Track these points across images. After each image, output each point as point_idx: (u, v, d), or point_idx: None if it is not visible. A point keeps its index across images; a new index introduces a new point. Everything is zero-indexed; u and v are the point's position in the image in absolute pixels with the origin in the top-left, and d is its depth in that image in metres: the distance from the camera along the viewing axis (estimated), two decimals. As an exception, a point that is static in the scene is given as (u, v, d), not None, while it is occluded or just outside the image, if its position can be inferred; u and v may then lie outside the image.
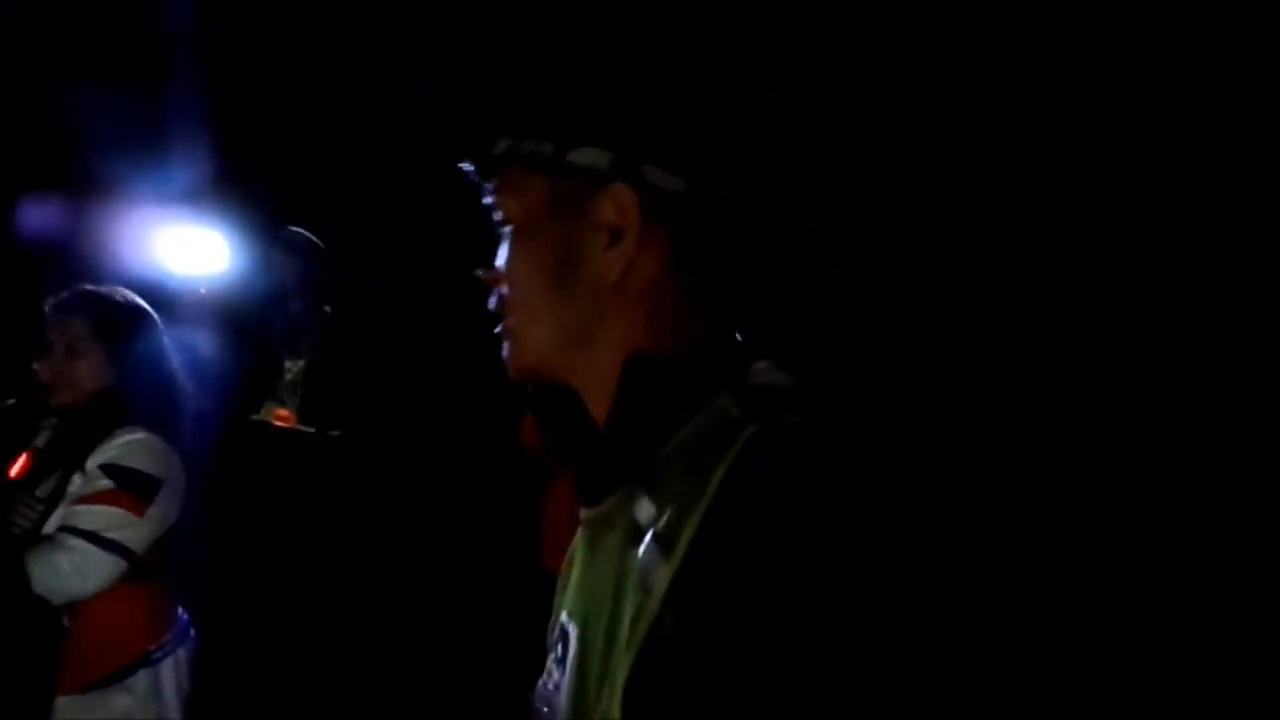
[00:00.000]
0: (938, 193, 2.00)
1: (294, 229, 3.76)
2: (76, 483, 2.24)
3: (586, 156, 0.94)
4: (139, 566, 2.26)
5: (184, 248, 3.71)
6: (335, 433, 3.46)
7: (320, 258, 3.77)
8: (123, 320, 2.37)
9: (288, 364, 3.75)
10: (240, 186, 3.84)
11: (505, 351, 0.99)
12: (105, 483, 2.25)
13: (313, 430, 3.52)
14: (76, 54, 4.03)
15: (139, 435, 2.27)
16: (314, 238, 3.75)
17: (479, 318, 1.04)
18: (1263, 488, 1.53)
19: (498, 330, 0.99)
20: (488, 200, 1.00)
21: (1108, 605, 1.63)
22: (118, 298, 2.41)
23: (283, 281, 3.73)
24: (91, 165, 3.69)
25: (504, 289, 0.98)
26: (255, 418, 3.57)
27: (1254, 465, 1.54)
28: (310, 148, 4.03)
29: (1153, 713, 1.58)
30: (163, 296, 2.81)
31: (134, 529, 2.24)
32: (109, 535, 2.22)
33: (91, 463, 2.26)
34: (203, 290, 3.67)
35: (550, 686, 0.98)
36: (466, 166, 1.01)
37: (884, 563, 0.79)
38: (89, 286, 2.40)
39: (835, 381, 0.94)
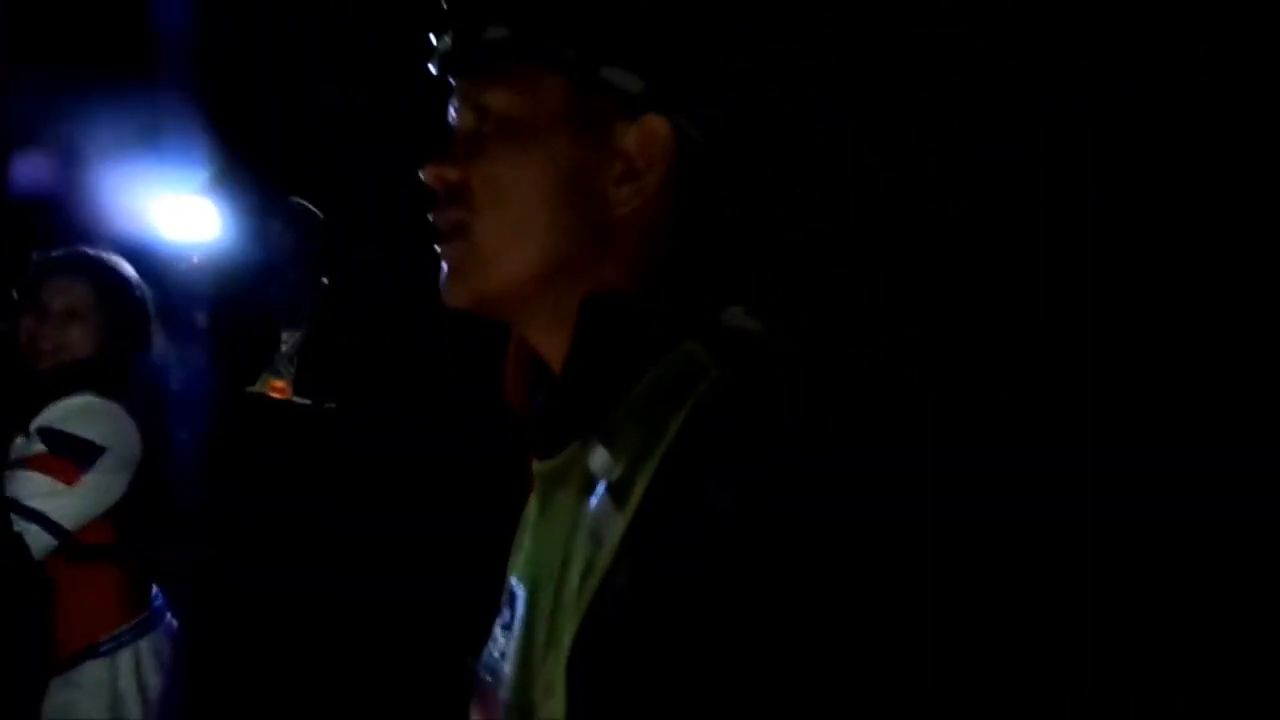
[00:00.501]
0: (938, 193, 2.00)
1: (293, 199, 3.73)
2: (18, 446, 2.10)
3: (620, 77, 0.87)
4: (82, 546, 2.10)
5: (176, 215, 3.66)
6: (331, 405, 3.43)
7: (319, 228, 3.74)
8: (124, 288, 2.28)
9: (284, 335, 3.72)
10: (235, 154, 3.80)
11: (452, 268, 0.89)
12: (39, 447, 2.08)
13: (309, 402, 3.49)
14: (72, 40, 4.00)
15: (85, 398, 2.12)
16: (313, 208, 3.73)
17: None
18: (1263, 488, 1.53)
19: (442, 242, 0.89)
20: (461, 90, 0.90)
21: (1107, 605, 1.63)
22: (119, 264, 2.32)
23: (281, 252, 3.70)
24: (84, 130, 3.66)
25: (464, 193, 0.88)
26: (251, 389, 3.54)
27: (1254, 465, 1.55)
28: (310, 148, 4.02)
29: (1152, 713, 1.58)
30: (155, 264, 2.76)
31: (62, 498, 2.05)
32: (30, 504, 2.03)
33: (33, 425, 2.11)
34: (196, 259, 3.64)
35: (496, 654, 0.92)
36: (439, 47, 0.91)
37: (874, 539, 0.76)
38: (85, 249, 2.30)
39: (810, 332, 0.92)
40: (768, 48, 2.05)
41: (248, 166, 3.79)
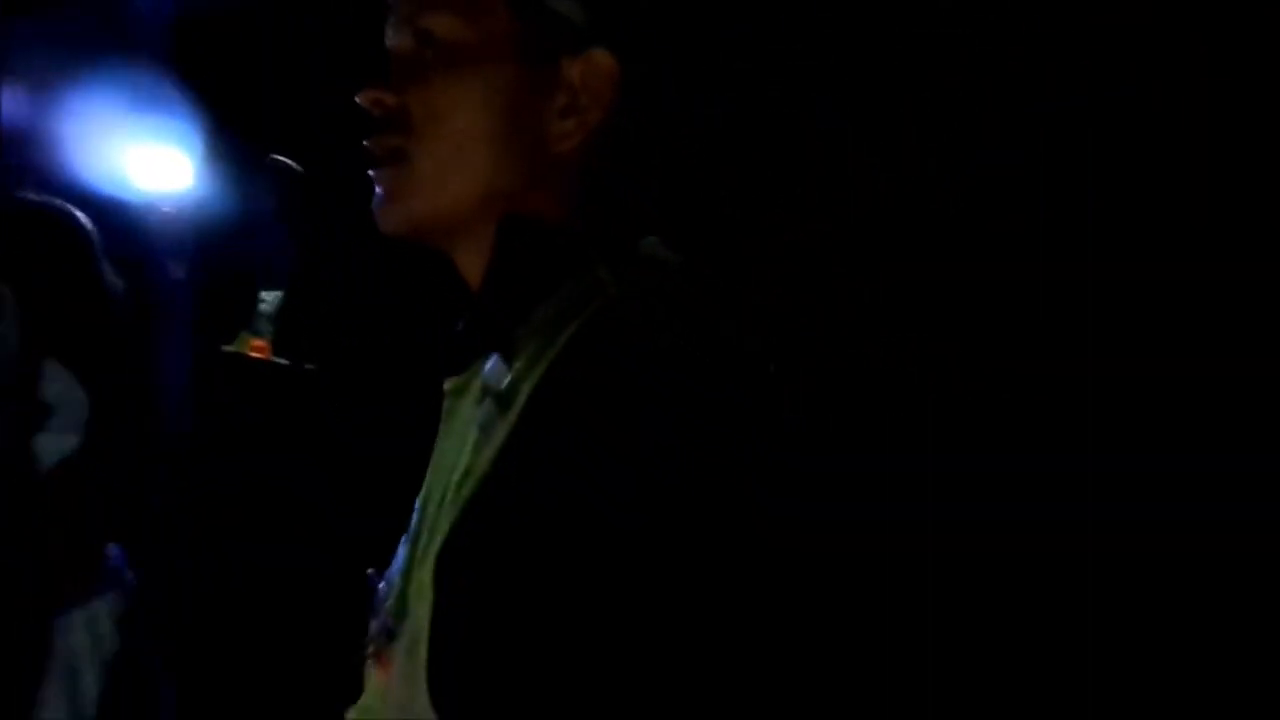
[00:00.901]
0: (938, 193, 2.00)
1: (276, 156, 3.67)
2: None
3: (566, 6, 0.86)
4: None
5: (149, 165, 3.53)
6: (310, 366, 3.36)
7: (302, 186, 3.67)
8: (33, 235, 2.19)
9: (263, 294, 3.64)
10: (210, 103, 3.70)
11: (387, 193, 0.86)
12: None
13: (288, 363, 3.41)
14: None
15: None
16: (295, 166, 3.66)
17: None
18: (1263, 487, 1.53)
19: (377, 167, 0.86)
20: (401, 10, 0.87)
21: (1107, 607, 1.63)
22: (39, 209, 2.23)
23: (262, 210, 3.63)
24: (55, 74, 3.58)
25: (403, 119, 0.86)
26: (229, 348, 3.46)
27: (1254, 465, 1.55)
28: (311, 147, 3.99)
29: (1149, 712, 1.58)
30: (126, 215, 2.70)
31: None
32: None
33: None
34: (168, 210, 3.54)
35: (394, 568, 0.90)
36: None
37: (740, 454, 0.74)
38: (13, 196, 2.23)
39: (728, 264, 0.90)
40: (767, 47, 2.05)
41: (232, 122, 3.72)
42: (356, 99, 0.88)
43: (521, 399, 0.79)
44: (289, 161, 3.65)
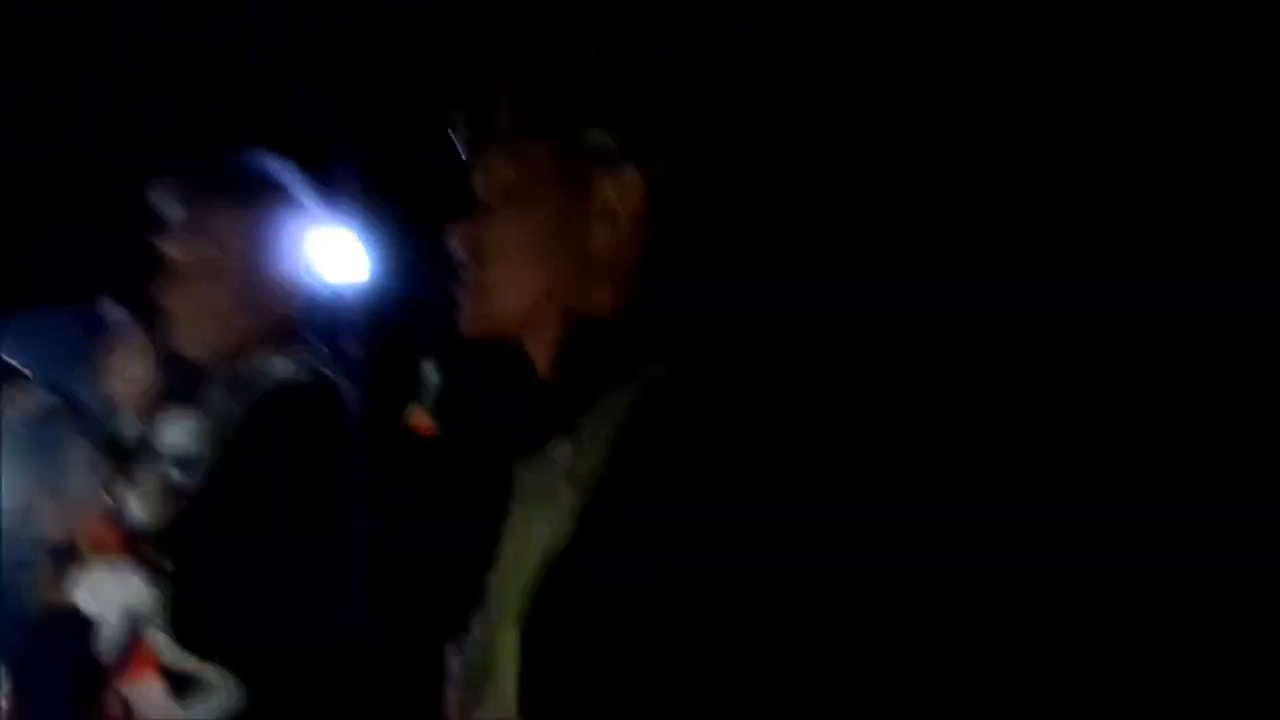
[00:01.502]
0: (946, 194, 2.01)
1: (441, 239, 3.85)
2: None
3: (599, 138, 1.00)
4: None
5: (328, 251, 3.71)
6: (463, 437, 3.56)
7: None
8: None
9: (428, 369, 3.89)
10: (383, 193, 3.89)
11: (468, 306, 1.02)
12: None
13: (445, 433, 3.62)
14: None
15: None
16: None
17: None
18: (1263, 488, 1.53)
19: (459, 285, 1.02)
20: (473, 164, 1.03)
21: (1109, 611, 1.63)
22: None
23: (434, 291, 3.81)
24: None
25: (477, 250, 1.04)
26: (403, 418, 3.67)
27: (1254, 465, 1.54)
28: (452, 187, 4.06)
29: (1149, 713, 1.58)
30: (320, 303, 2.85)
31: None
32: None
33: None
34: (350, 295, 3.77)
35: (469, 641, 1.01)
36: (457, 131, 1.05)
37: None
38: None
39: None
40: (775, 49, 2.06)
41: (397, 205, 3.93)
42: (449, 239, 1.06)
43: (589, 474, 0.93)
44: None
